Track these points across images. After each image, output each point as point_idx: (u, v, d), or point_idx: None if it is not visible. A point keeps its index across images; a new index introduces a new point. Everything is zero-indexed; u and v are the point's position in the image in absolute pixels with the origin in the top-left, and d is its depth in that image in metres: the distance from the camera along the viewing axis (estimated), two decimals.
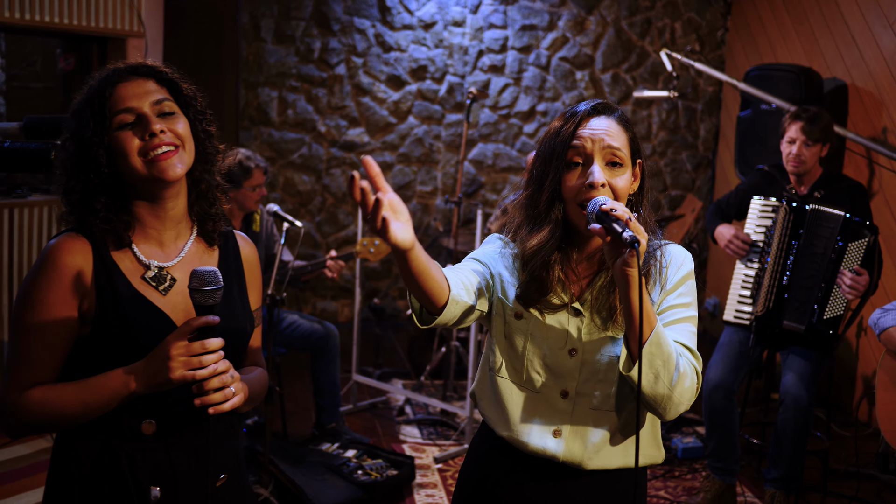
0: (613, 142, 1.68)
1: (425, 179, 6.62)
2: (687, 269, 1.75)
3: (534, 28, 6.62)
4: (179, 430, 1.63)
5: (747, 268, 3.78)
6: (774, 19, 6.04)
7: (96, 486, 1.61)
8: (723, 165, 6.79)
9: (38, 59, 5.29)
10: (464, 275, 1.73)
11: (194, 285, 1.52)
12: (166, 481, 1.63)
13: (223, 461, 1.72)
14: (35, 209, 4.52)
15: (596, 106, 1.72)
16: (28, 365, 1.57)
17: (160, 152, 1.57)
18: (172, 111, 1.62)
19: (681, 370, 1.62)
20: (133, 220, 1.65)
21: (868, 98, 5.01)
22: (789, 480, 3.60)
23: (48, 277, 1.57)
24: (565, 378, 1.72)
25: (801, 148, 3.68)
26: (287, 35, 6.22)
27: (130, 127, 1.58)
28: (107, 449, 1.61)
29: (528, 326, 1.74)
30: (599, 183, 1.64)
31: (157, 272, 1.64)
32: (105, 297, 1.58)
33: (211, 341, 1.52)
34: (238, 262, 1.78)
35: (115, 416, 1.59)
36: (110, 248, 1.62)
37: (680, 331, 1.70)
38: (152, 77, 1.63)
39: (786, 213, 3.66)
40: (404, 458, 3.89)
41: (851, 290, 3.45)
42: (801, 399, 3.51)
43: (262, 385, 1.81)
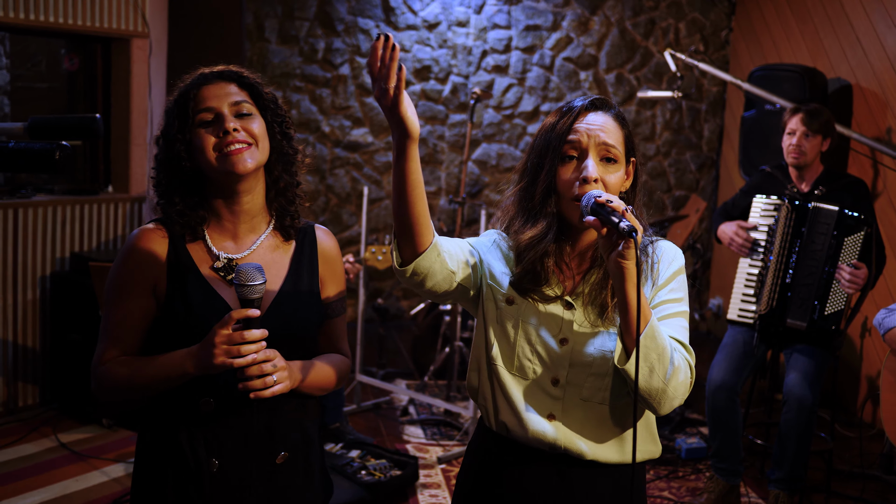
0: (608, 138, 1.70)
1: (429, 180, 6.62)
2: (678, 265, 1.76)
3: (537, 28, 6.61)
4: (237, 409, 1.75)
5: (750, 266, 3.79)
6: (779, 19, 6.03)
7: (163, 460, 1.77)
8: (727, 166, 6.78)
9: (43, 59, 5.31)
10: (452, 244, 1.75)
11: (237, 280, 1.63)
12: (225, 455, 1.75)
13: (286, 441, 1.82)
14: (39, 209, 4.53)
15: (594, 101, 1.75)
16: (110, 339, 1.76)
17: (232, 148, 1.71)
18: (250, 112, 1.76)
19: (675, 364, 1.62)
20: (209, 214, 1.80)
21: (872, 98, 5.01)
22: (793, 481, 3.60)
23: (125, 263, 1.76)
24: (556, 366, 1.73)
25: (800, 139, 3.70)
26: (291, 35, 6.22)
27: (209, 125, 1.73)
28: (170, 426, 1.76)
29: (519, 312, 1.75)
30: (593, 177, 1.66)
31: (226, 263, 1.78)
32: (174, 283, 1.74)
33: (251, 332, 1.62)
34: (313, 256, 1.89)
35: (178, 395, 1.74)
36: (186, 240, 1.78)
37: (673, 325, 1.71)
38: (234, 81, 1.78)
39: (788, 212, 3.67)
40: (408, 458, 3.89)
41: (851, 285, 3.46)
42: (805, 399, 3.51)
43: (338, 370, 1.90)
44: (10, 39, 5.07)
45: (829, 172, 3.81)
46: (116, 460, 3.94)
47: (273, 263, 1.82)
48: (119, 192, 5.04)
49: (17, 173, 4.57)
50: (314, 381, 1.82)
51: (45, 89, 5.38)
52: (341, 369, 1.93)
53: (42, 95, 5.37)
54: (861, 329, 4.93)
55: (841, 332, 3.62)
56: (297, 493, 1.86)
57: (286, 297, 1.81)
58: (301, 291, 1.84)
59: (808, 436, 3.55)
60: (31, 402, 4.56)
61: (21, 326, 4.50)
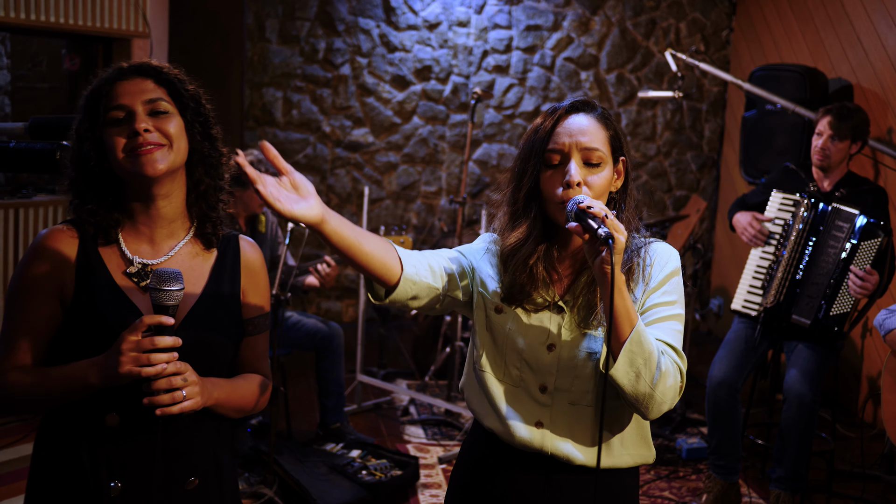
0: (590, 141, 1.68)
1: (430, 180, 6.62)
2: (672, 267, 1.74)
3: (538, 28, 6.61)
4: (145, 427, 1.61)
5: (761, 259, 3.79)
6: (779, 19, 6.02)
7: (59, 479, 1.63)
8: (727, 166, 6.78)
9: (44, 59, 5.31)
10: (435, 259, 1.75)
11: (152, 284, 1.53)
12: (129, 477, 1.62)
13: (197, 464, 1.69)
14: (40, 209, 4.53)
15: (574, 104, 1.73)
16: (11, 347, 1.62)
17: (143, 149, 1.59)
18: (166, 111, 1.64)
19: (662, 369, 1.61)
20: (125, 217, 1.69)
21: (873, 98, 5.00)
22: (794, 479, 3.59)
23: (30, 264, 1.63)
24: (543, 373, 1.72)
25: (826, 141, 3.67)
26: (292, 35, 6.22)
27: (120, 123, 1.61)
28: (70, 441, 1.62)
29: (507, 321, 1.74)
30: (575, 181, 1.64)
31: (140, 268, 1.66)
32: (82, 288, 1.62)
33: (162, 339, 1.51)
34: (235, 267, 1.77)
35: (82, 408, 1.61)
36: (99, 243, 1.66)
37: (664, 329, 1.69)
38: (151, 76, 1.65)
39: (807, 208, 3.66)
40: (409, 458, 3.89)
41: (860, 290, 3.44)
42: (805, 395, 3.51)
43: (252, 393, 1.77)
44: (11, 39, 5.08)
45: (853, 176, 3.78)
46: None
47: (191, 271, 1.70)
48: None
49: (18, 173, 4.57)
50: (230, 401, 1.70)
51: (46, 89, 5.38)
52: (263, 391, 1.80)
53: (43, 95, 5.37)
54: (862, 329, 4.93)
55: (843, 335, 3.62)
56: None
57: (203, 308, 1.68)
58: (220, 303, 1.72)
59: (809, 434, 3.55)
60: None
61: None
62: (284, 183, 1.46)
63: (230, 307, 1.74)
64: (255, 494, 3.52)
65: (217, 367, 1.71)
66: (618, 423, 1.74)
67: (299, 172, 1.49)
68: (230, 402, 1.70)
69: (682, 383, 1.66)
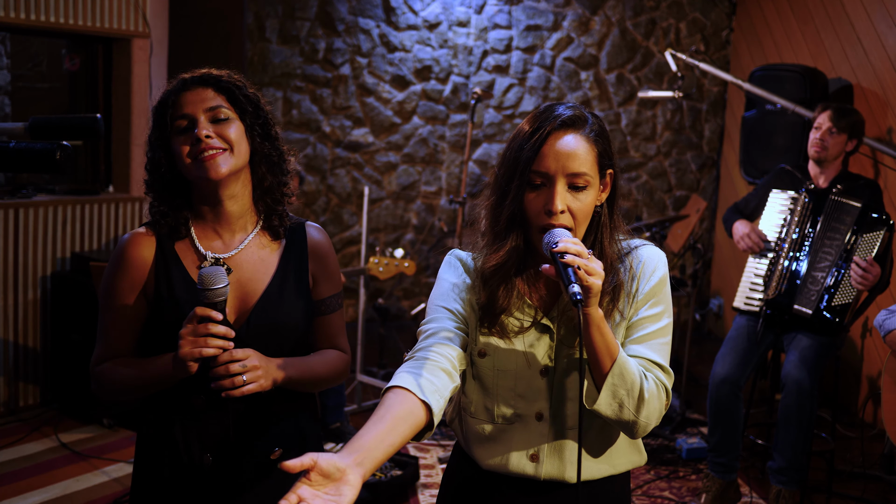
0: (577, 165, 1.60)
1: (430, 179, 6.62)
2: (659, 276, 1.70)
3: (538, 28, 6.61)
4: (229, 404, 1.77)
5: (760, 261, 3.82)
6: (779, 19, 6.02)
7: (160, 459, 1.82)
8: (727, 166, 6.78)
9: (44, 59, 5.31)
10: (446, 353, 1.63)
11: (199, 285, 1.66)
12: (218, 450, 1.80)
13: (279, 436, 1.85)
14: (40, 209, 4.53)
15: (564, 121, 1.62)
16: (105, 341, 1.82)
17: (206, 154, 1.73)
18: (227, 117, 1.76)
19: (646, 396, 1.59)
20: (195, 216, 1.83)
21: (873, 98, 5.00)
22: (794, 471, 3.58)
23: (115, 267, 1.80)
24: (538, 400, 1.68)
25: (825, 133, 3.73)
26: (292, 35, 6.22)
27: (185, 131, 1.75)
28: (165, 421, 1.81)
29: (493, 362, 1.69)
30: (559, 210, 1.58)
31: (214, 262, 1.80)
32: (161, 284, 1.78)
33: (215, 326, 1.64)
34: (303, 254, 1.89)
35: (172, 393, 1.79)
36: (174, 241, 1.82)
37: (651, 346, 1.66)
38: (211, 85, 1.77)
39: (805, 202, 3.70)
40: (409, 458, 3.89)
41: (862, 281, 3.46)
42: (803, 382, 3.52)
43: (332, 366, 1.92)
44: (10, 39, 5.08)
45: (848, 173, 3.84)
46: (117, 460, 3.94)
47: (261, 262, 1.84)
48: (120, 192, 5.04)
49: (18, 173, 4.57)
50: (301, 377, 1.82)
51: (46, 89, 5.38)
52: (337, 365, 1.94)
53: (43, 95, 5.38)
54: (862, 329, 4.93)
55: (845, 327, 3.63)
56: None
57: (272, 296, 1.82)
58: (288, 290, 1.85)
59: (809, 423, 3.55)
60: (31, 402, 4.56)
61: (22, 326, 4.50)
62: (316, 480, 1.28)
63: (300, 291, 1.87)
64: None
65: (289, 348, 1.85)
66: (607, 436, 1.73)
67: (320, 454, 1.30)
68: (302, 377, 1.82)
69: (668, 400, 1.66)
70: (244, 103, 1.78)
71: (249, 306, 1.81)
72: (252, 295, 1.81)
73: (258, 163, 1.82)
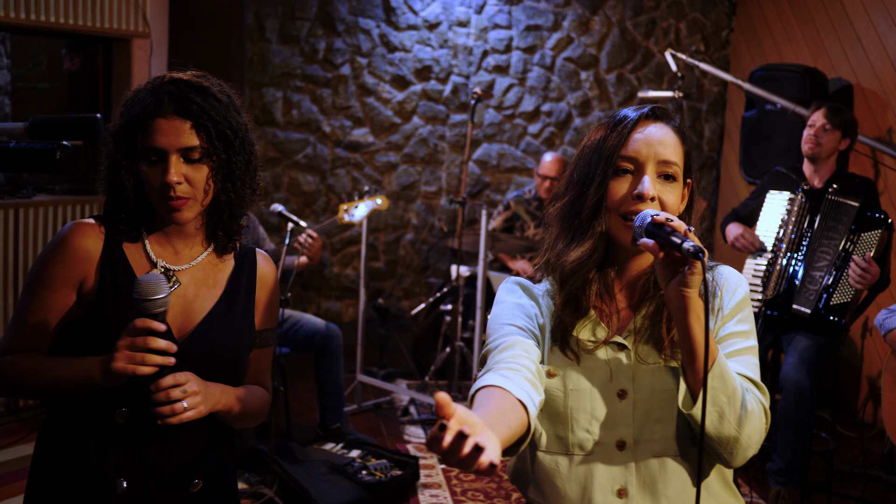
0: (669, 153, 1.50)
1: (430, 180, 6.62)
2: (743, 293, 1.57)
3: (538, 28, 6.61)
4: (153, 427, 1.62)
5: (758, 262, 3.83)
6: (779, 19, 6.02)
7: (63, 474, 1.66)
8: (727, 166, 6.78)
9: (44, 59, 5.31)
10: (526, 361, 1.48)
11: (137, 294, 1.52)
12: (135, 476, 1.65)
13: (201, 467, 1.73)
14: (40, 209, 4.53)
15: (654, 109, 1.55)
16: (20, 331, 1.66)
17: (173, 202, 1.62)
18: (199, 158, 1.63)
19: (748, 408, 1.43)
20: (149, 223, 1.72)
21: (873, 98, 5.00)
22: (793, 472, 3.58)
23: (54, 253, 1.66)
24: (618, 426, 1.50)
25: (818, 130, 3.76)
26: (292, 35, 6.22)
27: (154, 163, 1.62)
28: (79, 436, 1.65)
29: (563, 383, 1.52)
30: (650, 195, 1.46)
31: (164, 271, 1.70)
32: (104, 284, 1.65)
33: (156, 340, 1.52)
34: (252, 279, 1.81)
35: (92, 404, 1.64)
36: (123, 241, 1.70)
37: (743, 363, 1.51)
38: (191, 118, 1.62)
39: (802, 202, 3.72)
40: (409, 458, 3.89)
41: (860, 280, 3.46)
42: (802, 384, 3.52)
43: (258, 404, 1.80)
44: (10, 39, 5.07)
45: (842, 171, 3.86)
46: None
47: (211, 279, 1.75)
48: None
49: (18, 173, 4.57)
50: (233, 408, 1.70)
51: (46, 89, 5.38)
52: (262, 403, 1.82)
53: (43, 95, 5.37)
54: (862, 329, 4.93)
55: (844, 326, 3.63)
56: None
57: (218, 317, 1.72)
58: (235, 311, 1.76)
59: (808, 424, 3.55)
60: (31, 402, 4.56)
61: None
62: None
63: (245, 317, 1.78)
64: (255, 494, 3.52)
65: (228, 375, 1.74)
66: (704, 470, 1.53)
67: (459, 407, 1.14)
68: (236, 410, 1.71)
69: (768, 424, 1.49)
70: (217, 143, 1.64)
71: (192, 325, 1.69)
72: (197, 314, 1.70)
73: (218, 200, 1.69)
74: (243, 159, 1.69)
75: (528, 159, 6.73)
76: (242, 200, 1.72)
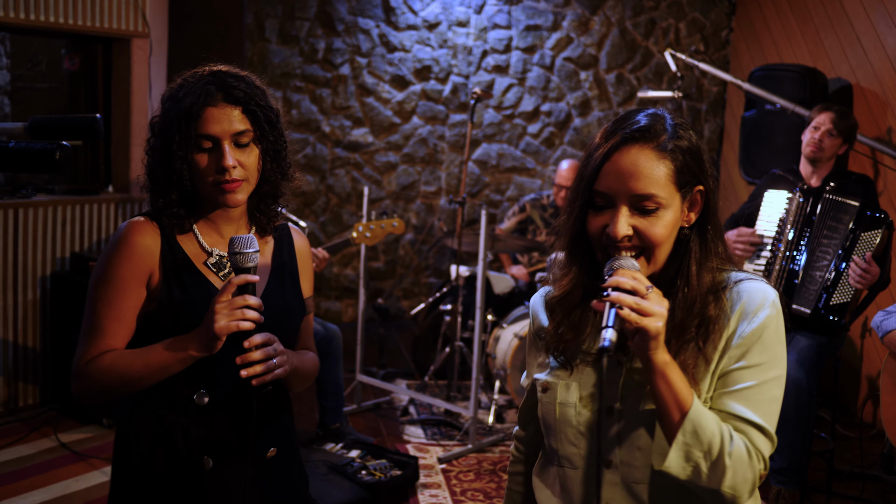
0: (642, 186, 1.40)
1: (429, 179, 6.62)
2: (764, 316, 1.44)
3: (538, 28, 6.61)
4: (231, 403, 1.75)
5: (757, 261, 3.82)
6: (779, 20, 6.03)
7: (153, 458, 1.75)
8: (727, 166, 6.78)
9: (44, 59, 5.30)
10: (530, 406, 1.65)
11: (232, 249, 1.63)
12: (218, 452, 1.75)
13: (273, 435, 1.84)
14: (40, 209, 4.53)
15: (633, 132, 1.42)
16: (100, 334, 1.71)
17: (227, 186, 1.71)
18: (248, 142, 1.73)
19: (727, 462, 1.34)
20: (198, 214, 1.80)
21: (873, 98, 5.01)
22: (793, 472, 3.58)
23: (120, 255, 1.72)
24: (605, 444, 1.46)
25: (823, 135, 3.74)
26: (291, 35, 6.22)
27: (209, 151, 1.71)
28: (162, 421, 1.75)
29: (555, 396, 1.52)
30: (620, 235, 1.40)
31: (219, 259, 1.79)
32: (169, 277, 1.74)
33: (253, 297, 1.61)
34: (291, 254, 1.92)
35: (171, 389, 1.73)
36: (176, 234, 1.77)
37: (748, 401, 1.40)
38: (240, 104, 1.71)
39: (800, 202, 3.71)
40: (408, 458, 3.89)
41: (861, 280, 3.45)
42: (801, 383, 3.52)
43: (313, 366, 1.94)
44: (10, 39, 5.07)
45: (839, 170, 3.86)
46: None
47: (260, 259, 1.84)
48: (119, 192, 5.04)
49: (17, 173, 4.57)
50: (304, 374, 1.85)
51: (46, 89, 5.38)
52: (315, 366, 1.97)
53: (42, 95, 5.37)
54: (861, 329, 4.93)
55: (844, 326, 3.63)
56: (288, 486, 1.89)
57: (275, 290, 1.84)
58: (286, 285, 1.87)
59: (808, 424, 3.55)
60: (31, 402, 4.56)
61: (21, 326, 4.50)
62: None
63: (293, 288, 1.90)
64: None
65: (291, 340, 1.86)
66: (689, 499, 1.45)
67: None
68: (300, 372, 1.82)
69: (765, 469, 1.40)
70: (266, 126, 1.75)
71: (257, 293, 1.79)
72: (257, 285, 1.80)
73: (264, 181, 1.80)
74: (284, 141, 1.81)
75: (528, 159, 6.73)
76: (286, 180, 1.83)
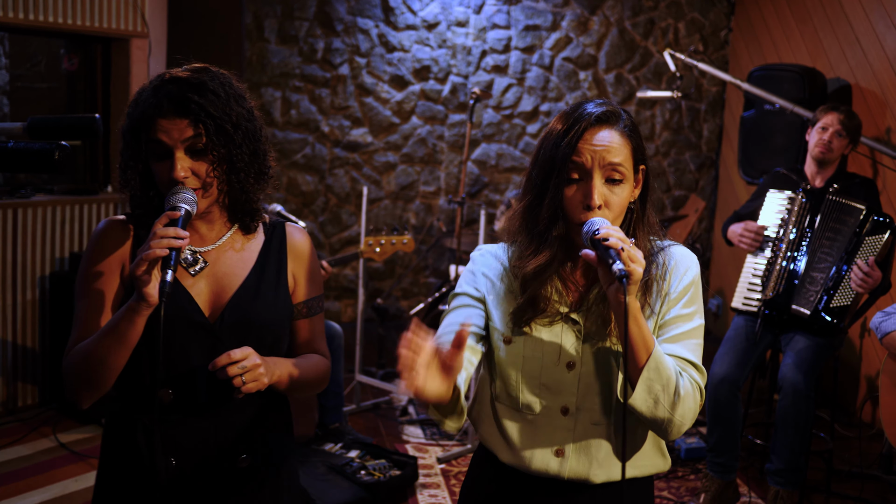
0: (614, 157, 1.63)
1: (428, 179, 6.62)
2: (692, 276, 1.71)
3: (537, 28, 6.61)
4: (199, 404, 1.72)
5: (758, 260, 3.82)
6: (778, 19, 6.03)
7: (122, 458, 1.75)
8: (726, 166, 6.78)
9: (43, 59, 5.30)
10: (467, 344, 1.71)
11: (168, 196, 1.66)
12: (183, 454, 1.72)
13: (248, 444, 1.78)
14: (39, 209, 4.53)
15: (599, 116, 1.65)
16: (78, 328, 1.74)
17: None
18: (204, 147, 1.68)
19: (682, 393, 1.60)
20: None
21: (872, 98, 5.01)
22: (792, 472, 3.58)
23: (91, 249, 1.76)
24: (564, 394, 1.68)
25: (832, 135, 3.74)
26: (290, 35, 6.22)
27: (161, 158, 1.69)
28: (129, 421, 1.74)
29: (520, 349, 1.70)
30: (597, 204, 1.60)
31: (190, 254, 1.77)
32: None
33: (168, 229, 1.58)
34: (282, 253, 1.87)
35: (138, 386, 1.73)
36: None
37: (685, 345, 1.67)
38: (189, 116, 1.66)
39: (802, 202, 3.71)
40: (407, 458, 3.89)
41: (862, 284, 3.45)
42: (799, 385, 3.52)
43: (318, 370, 1.88)
44: (9, 39, 5.07)
45: (843, 172, 3.86)
46: None
47: (238, 258, 1.81)
48: (119, 192, 5.03)
49: (16, 173, 4.57)
50: (291, 378, 1.78)
51: (45, 89, 5.37)
52: (321, 369, 1.90)
53: (41, 95, 5.37)
54: (860, 329, 4.93)
55: (843, 329, 3.63)
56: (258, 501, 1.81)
57: (248, 291, 1.79)
58: (265, 286, 1.81)
59: (806, 425, 3.55)
60: (30, 402, 4.56)
61: (21, 326, 4.50)
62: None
63: (278, 290, 1.83)
64: None
65: (269, 345, 1.80)
66: (635, 436, 1.72)
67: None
68: (293, 379, 1.78)
69: (702, 401, 1.65)
70: (218, 138, 1.68)
71: (224, 301, 1.76)
72: (228, 289, 1.77)
73: (233, 186, 1.75)
74: (247, 150, 1.74)
75: (527, 159, 6.73)
76: (249, 188, 1.78)
